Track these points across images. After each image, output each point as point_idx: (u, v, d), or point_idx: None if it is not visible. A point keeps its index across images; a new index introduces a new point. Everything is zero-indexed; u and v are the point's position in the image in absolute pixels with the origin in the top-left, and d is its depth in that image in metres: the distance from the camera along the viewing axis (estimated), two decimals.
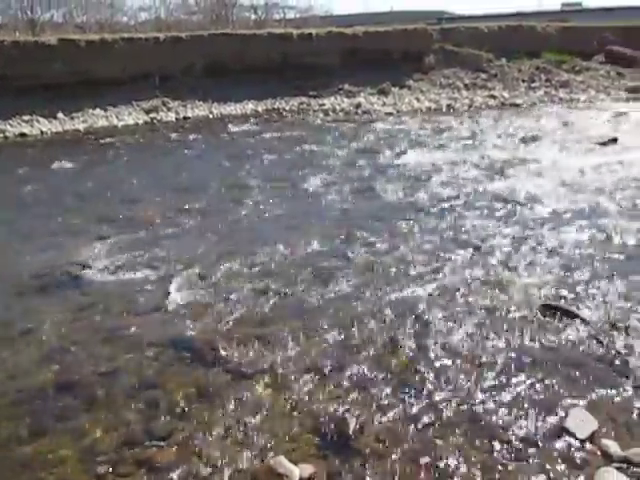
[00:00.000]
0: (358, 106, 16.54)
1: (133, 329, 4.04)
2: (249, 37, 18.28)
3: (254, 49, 17.59)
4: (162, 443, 2.85)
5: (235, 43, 17.64)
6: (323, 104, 16.86)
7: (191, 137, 12.54)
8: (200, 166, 9.62)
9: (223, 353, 3.67)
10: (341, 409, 3.06)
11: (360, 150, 10.49)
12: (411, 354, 3.61)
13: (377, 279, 4.73)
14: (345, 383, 3.32)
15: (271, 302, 4.38)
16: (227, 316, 4.17)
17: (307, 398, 3.19)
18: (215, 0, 26.83)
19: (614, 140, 10.27)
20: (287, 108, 16.58)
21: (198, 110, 15.84)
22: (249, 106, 16.52)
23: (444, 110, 16.37)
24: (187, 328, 4.01)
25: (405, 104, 16.96)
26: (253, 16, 27.99)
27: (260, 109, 16.47)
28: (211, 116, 15.66)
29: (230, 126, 13.85)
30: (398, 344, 3.72)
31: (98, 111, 14.73)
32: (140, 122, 14.70)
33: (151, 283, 4.82)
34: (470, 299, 4.32)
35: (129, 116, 14.90)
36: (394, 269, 4.92)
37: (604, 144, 10.10)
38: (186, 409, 3.12)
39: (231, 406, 3.13)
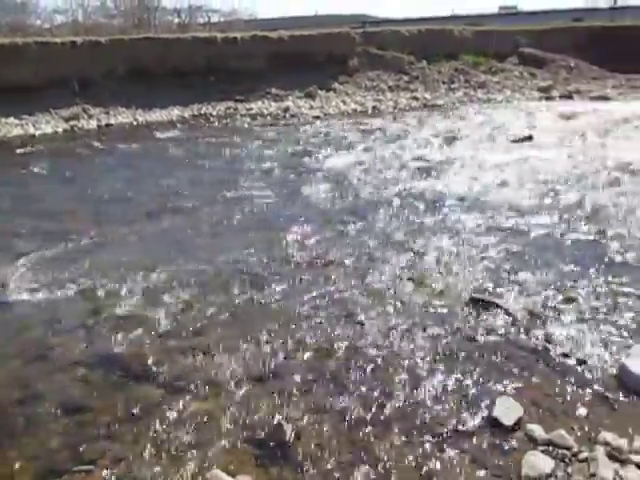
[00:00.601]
0: (286, 110, 16.56)
1: (57, 349, 3.84)
2: (172, 41, 17.86)
3: (178, 53, 17.20)
4: (91, 467, 2.72)
5: (158, 47, 17.18)
6: (250, 108, 16.75)
7: (115, 145, 12.10)
8: (125, 175, 9.29)
9: (154, 368, 3.56)
10: (278, 416, 3.05)
11: (290, 154, 10.51)
12: (345, 356, 3.65)
13: (310, 282, 4.75)
14: (281, 390, 3.30)
15: (203, 312, 4.29)
16: (158, 329, 4.06)
17: (243, 408, 3.14)
18: (136, 3, 26.02)
19: (529, 138, 10.84)
20: (214, 113, 16.33)
21: (121, 117, 15.28)
22: (175, 112, 16.10)
23: (370, 112, 16.68)
24: (115, 344, 3.86)
25: (332, 107, 17.15)
26: (176, 20, 27.38)
27: (186, 115, 16.11)
28: (135, 123, 15.15)
29: (156, 133, 13.49)
30: (333, 346, 3.75)
31: (12, 119, 13.89)
32: (59, 130, 14.01)
33: (75, 299, 4.60)
34: (401, 297, 4.43)
35: (47, 124, 14.14)
36: (326, 271, 4.97)
37: (520, 142, 10.65)
38: (116, 429, 2.99)
39: (164, 422, 3.04)
